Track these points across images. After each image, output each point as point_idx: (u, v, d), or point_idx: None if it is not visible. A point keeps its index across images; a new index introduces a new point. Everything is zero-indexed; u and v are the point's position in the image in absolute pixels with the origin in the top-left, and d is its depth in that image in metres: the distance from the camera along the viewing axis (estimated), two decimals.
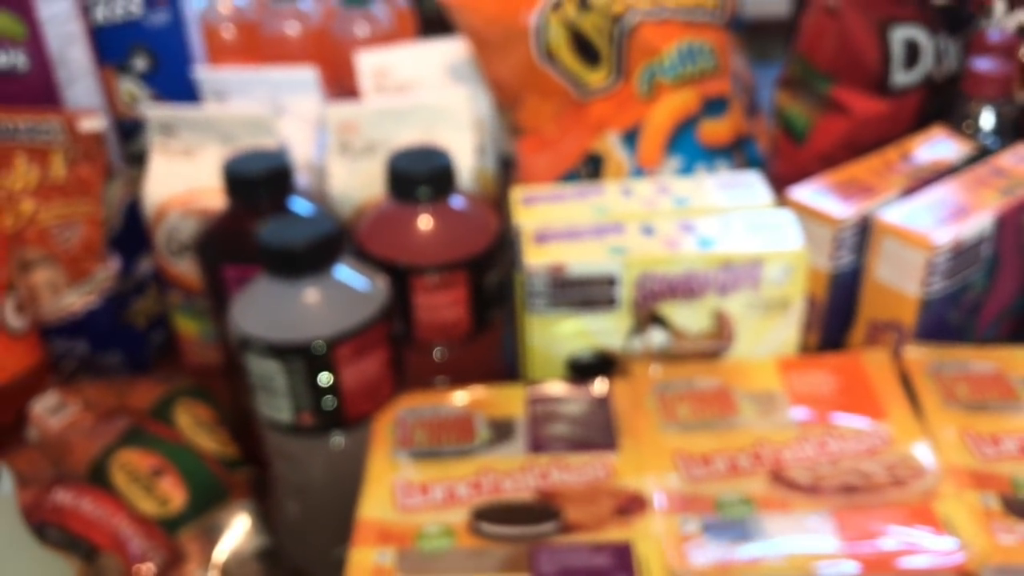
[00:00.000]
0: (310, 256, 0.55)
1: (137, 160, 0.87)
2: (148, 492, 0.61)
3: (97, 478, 0.63)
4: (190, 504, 0.61)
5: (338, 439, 0.58)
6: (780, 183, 0.69)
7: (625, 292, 0.58)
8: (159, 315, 0.83)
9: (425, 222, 0.63)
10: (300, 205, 0.65)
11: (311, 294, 0.56)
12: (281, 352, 0.55)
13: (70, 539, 0.60)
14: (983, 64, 0.71)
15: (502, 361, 0.71)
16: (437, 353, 0.66)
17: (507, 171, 0.85)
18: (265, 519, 0.64)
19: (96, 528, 0.60)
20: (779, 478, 0.52)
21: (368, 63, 0.81)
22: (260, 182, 0.62)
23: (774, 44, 1.75)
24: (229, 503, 0.63)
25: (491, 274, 0.64)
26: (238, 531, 0.62)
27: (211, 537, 0.61)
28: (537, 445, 0.55)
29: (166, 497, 0.61)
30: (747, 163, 0.79)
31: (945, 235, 0.59)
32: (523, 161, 0.79)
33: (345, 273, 0.57)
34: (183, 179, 0.74)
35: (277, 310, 0.56)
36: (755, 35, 0.88)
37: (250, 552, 0.61)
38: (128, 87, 0.85)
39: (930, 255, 0.58)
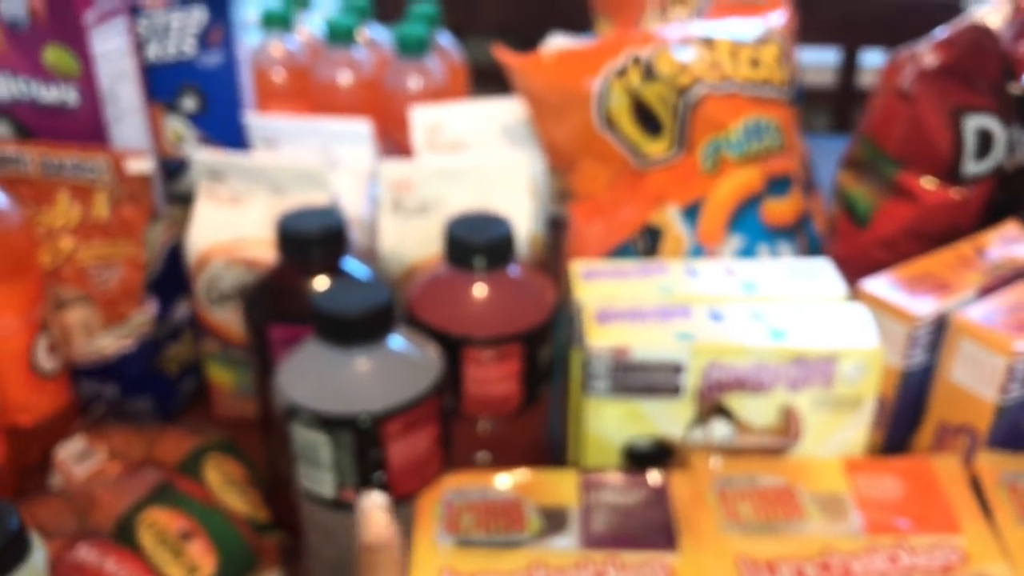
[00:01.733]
0: (365, 325, 0.53)
1: (179, 200, 0.85)
2: (176, 556, 0.59)
3: (123, 536, 0.60)
4: (220, 572, 0.59)
5: None
6: (839, 265, 0.66)
7: (691, 380, 0.56)
8: (192, 362, 0.80)
9: (481, 292, 0.61)
10: (353, 266, 0.62)
11: (363, 364, 0.53)
12: (328, 424, 0.52)
13: None
14: None
15: (547, 438, 0.68)
16: (482, 427, 0.63)
17: (555, 232, 0.83)
18: None
19: None
20: None
21: (422, 119, 0.80)
22: (314, 241, 0.60)
23: (818, 114, 1.74)
24: (259, 571, 0.60)
25: (545, 348, 0.62)
26: None
27: None
28: (592, 539, 0.52)
29: (195, 563, 0.58)
30: (809, 244, 0.77)
31: None
32: (576, 227, 0.77)
33: (399, 343, 0.55)
34: (228, 227, 0.72)
35: (327, 379, 0.53)
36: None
37: None
38: (175, 126, 0.83)
39: (1012, 360, 0.56)
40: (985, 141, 0.74)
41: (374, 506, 0.48)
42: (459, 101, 0.84)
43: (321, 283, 0.61)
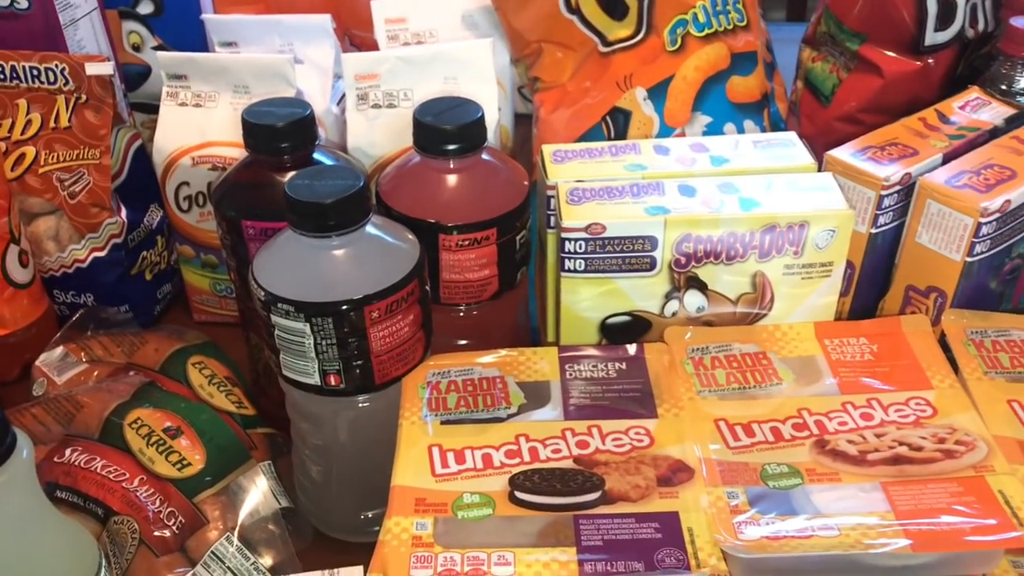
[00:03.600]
0: (340, 211, 0.53)
1: (141, 108, 0.84)
2: (165, 453, 0.59)
3: (110, 437, 0.60)
4: (209, 465, 0.59)
5: (364, 402, 0.57)
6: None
7: (664, 254, 0.56)
8: (168, 269, 0.80)
9: (453, 178, 0.61)
10: (323, 157, 0.62)
11: (341, 252, 0.53)
12: (309, 313, 0.52)
13: (83, 501, 0.58)
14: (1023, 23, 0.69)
15: (525, 322, 0.69)
16: (460, 313, 0.64)
17: (522, 129, 0.83)
18: (285, 480, 0.62)
19: (110, 490, 0.58)
20: (825, 448, 0.51)
21: (382, 10, 0.79)
22: (282, 132, 0.60)
23: (776, 6, 1.73)
24: (249, 464, 0.61)
25: (520, 233, 0.62)
26: (258, 493, 0.60)
27: (232, 500, 0.59)
28: (573, 410, 0.54)
29: (184, 458, 0.59)
30: (772, 124, 0.77)
31: (993, 199, 0.57)
32: (543, 116, 0.77)
33: (376, 230, 0.55)
34: (195, 129, 0.72)
35: (304, 268, 0.53)
36: None
37: (270, 514, 0.60)
38: (133, 31, 0.82)
39: (978, 219, 0.57)
40: (947, 9, 0.74)
41: None
42: None
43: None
